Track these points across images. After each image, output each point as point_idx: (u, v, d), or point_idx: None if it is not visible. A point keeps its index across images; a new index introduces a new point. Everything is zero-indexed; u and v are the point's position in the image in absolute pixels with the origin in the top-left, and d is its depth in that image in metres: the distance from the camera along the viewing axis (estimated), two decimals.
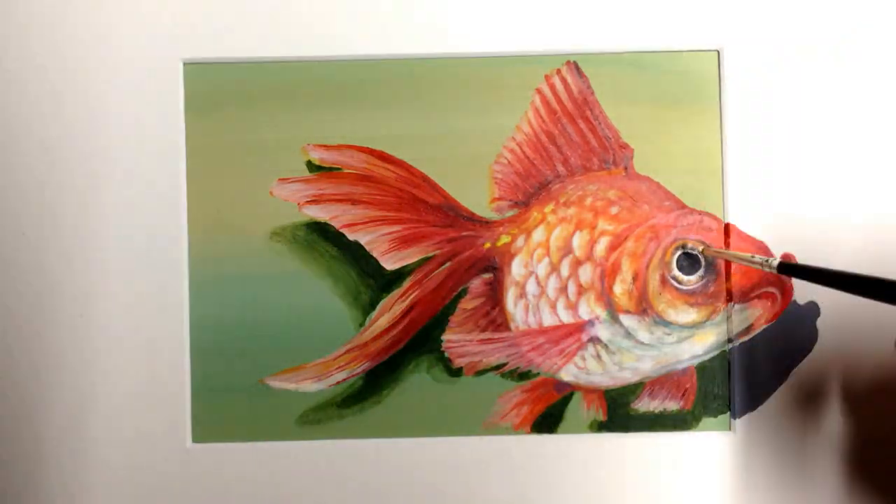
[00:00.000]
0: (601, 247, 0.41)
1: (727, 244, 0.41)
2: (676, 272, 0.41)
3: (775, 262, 0.36)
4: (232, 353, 0.41)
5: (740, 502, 0.40)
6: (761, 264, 0.36)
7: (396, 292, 0.41)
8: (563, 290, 0.41)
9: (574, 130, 0.41)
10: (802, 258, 0.40)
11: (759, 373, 0.41)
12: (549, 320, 0.41)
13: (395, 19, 0.41)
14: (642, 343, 0.41)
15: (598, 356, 0.41)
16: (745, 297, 0.41)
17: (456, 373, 0.41)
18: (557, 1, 0.41)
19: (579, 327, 0.41)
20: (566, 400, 0.41)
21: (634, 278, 0.41)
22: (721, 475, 0.40)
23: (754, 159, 0.41)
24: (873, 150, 0.41)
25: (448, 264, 0.41)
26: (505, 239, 0.41)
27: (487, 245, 0.41)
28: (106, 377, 0.40)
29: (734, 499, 0.40)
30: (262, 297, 0.41)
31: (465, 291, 0.41)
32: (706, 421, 0.41)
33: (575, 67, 0.41)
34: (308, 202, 0.41)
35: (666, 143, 0.41)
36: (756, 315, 0.41)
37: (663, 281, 0.41)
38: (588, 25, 0.41)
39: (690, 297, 0.41)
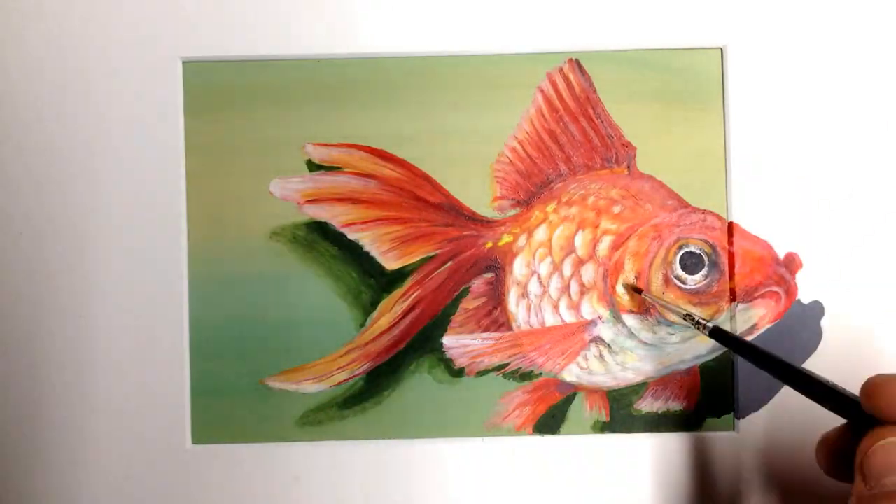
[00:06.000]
0: (604, 246, 0.41)
1: (731, 243, 0.40)
2: (679, 271, 0.40)
3: (710, 325, 0.37)
4: (232, 353, 0.40)
5: (744, 503, 0.40)
6: (696, 325, 0.37)
7: (397, 292, 0.41)
8: (566, 289, 0.41)
9: (576, 129, 0.41)
10: (805, 257, 0.40)
11: (763, 373, 0.40)
12: (551, 320, 0.41)
13: (395, 17, 0.40)
14: (645, 343, 0.41)
15: (601, 356, 0.41)
16: (749, 296, 0.40)
17: (457, 373, 0.41)
18: None
19: (582, 327, 0.41)
20: (568, 400, 0.41)
21: (637, 278, 0.40)
22: (725, 475, 0.40)
23: (758, 158, 0.40)
24: (878, 149, 0.41)
25: (449, 264, 0.41)
26: (507, 238, 0.41)
27: (489, 244, 0.41)
28: (105, 378, 0.40)
29: (738, 499, 0.40)
30: (261, 297, 0.40)
31: (466, 291, 0.41)
32: (710, 421, 0.41)
33: (577, 65, 0.41)
34: (308, 201, 0.41)
35: (669, 141, 0.41)
36: (760, 314, 0.40)
37: (666, 280, 0.40)
38: (590, 23, 0.41)
39: (694, 297, 0.40)
